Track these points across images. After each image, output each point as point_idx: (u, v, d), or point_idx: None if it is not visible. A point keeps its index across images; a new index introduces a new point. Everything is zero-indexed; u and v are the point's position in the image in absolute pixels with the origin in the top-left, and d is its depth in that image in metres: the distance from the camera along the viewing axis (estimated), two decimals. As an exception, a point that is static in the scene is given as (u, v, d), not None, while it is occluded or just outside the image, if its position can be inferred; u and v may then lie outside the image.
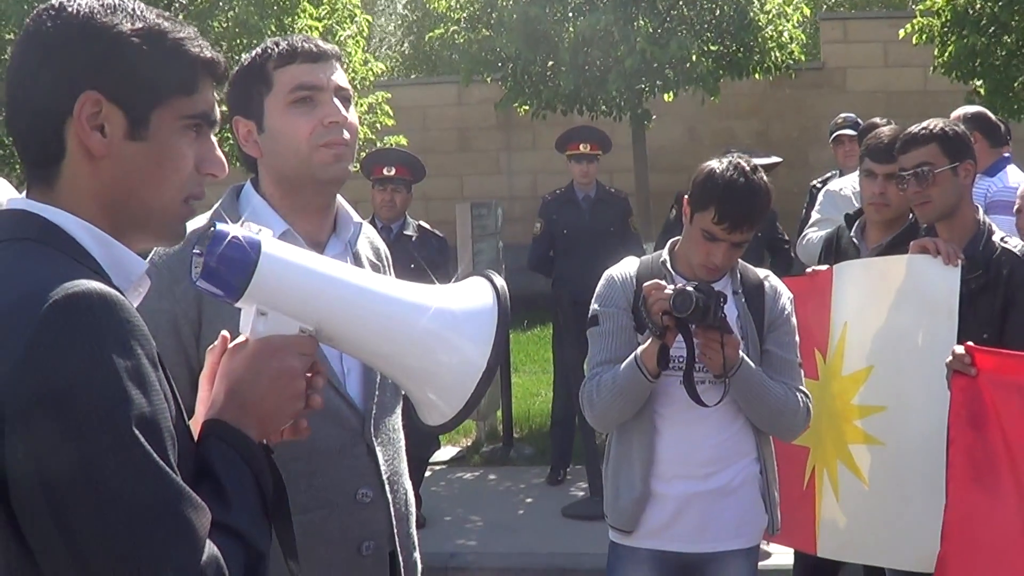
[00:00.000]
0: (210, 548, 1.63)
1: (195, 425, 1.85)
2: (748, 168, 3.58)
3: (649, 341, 3.54)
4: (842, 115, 8.54)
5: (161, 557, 1.58)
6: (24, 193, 1.83)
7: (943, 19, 10.95)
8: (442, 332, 1.94)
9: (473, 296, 2.00)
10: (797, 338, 3.80)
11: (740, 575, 3.83)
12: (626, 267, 3.80)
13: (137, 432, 1.58)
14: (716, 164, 3.60)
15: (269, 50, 2.69)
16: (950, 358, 3.56)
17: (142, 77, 1.77)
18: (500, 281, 2.01)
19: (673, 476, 3.72)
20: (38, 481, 1.55)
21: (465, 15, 12.07)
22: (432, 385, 1.99)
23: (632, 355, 3.58)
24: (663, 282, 3.52)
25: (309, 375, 1.92)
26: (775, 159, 8.56)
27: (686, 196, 3.66)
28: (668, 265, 3.75)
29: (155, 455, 1.59)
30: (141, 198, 1.80)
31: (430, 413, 2.03)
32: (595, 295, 3.79)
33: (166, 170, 1.81)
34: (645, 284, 3.51)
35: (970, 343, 3.58)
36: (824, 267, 4.39)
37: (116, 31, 1.76)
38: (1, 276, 1.67)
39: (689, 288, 3.42)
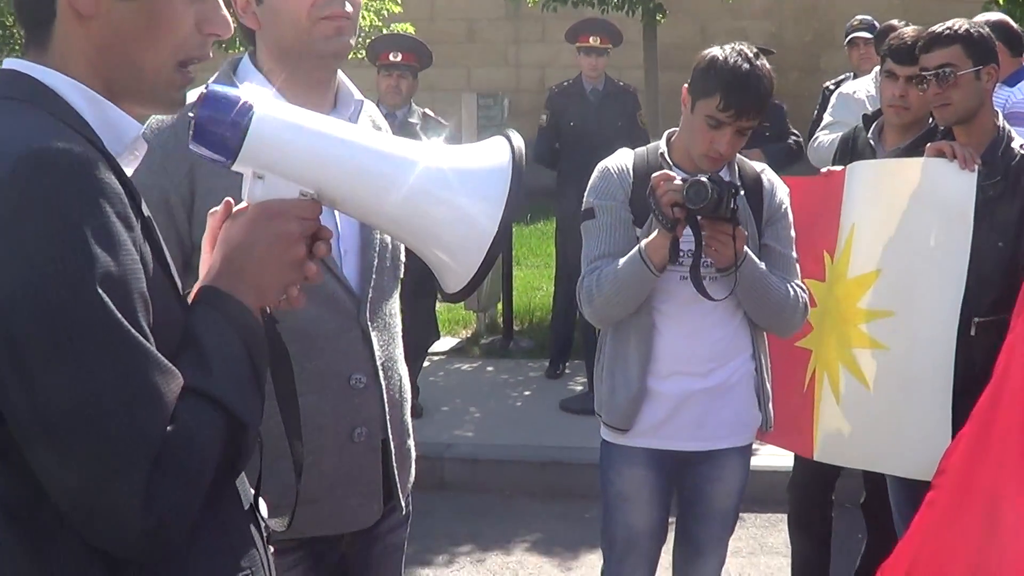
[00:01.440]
0: (181, 414, 1.59)
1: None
2: (751, 54, 3.52)
3: (655, 234, 3.46)
4: (858, 17, 8.38)
5: (123, 418, 1.53)
6: None
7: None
8: (452, 190, 1.83)
9: (486, 154, 1.89)
10: (794, 233, 3.75)
11: (735, 473, 3.83)
12: (622, 159, 3.71)
13: (100, 291, 1.52)
14: (719, 51, 3.53)
15: None
16: None
17: None
18: (518, 139, 1.90)
19: (671, 373, 3.67)
20: (3, 340, 1.51)
21: (478, -100, 11.88)
22: (443, 246, 1.87)
23: (635, 248, 3.50)
24: (672, 172, 3.44)
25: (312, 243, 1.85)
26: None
27: (685, 86, 3.59)
28: (667, 156, 3.67)
29: (119, 315, 1.54)
30: (132, 59, 1.73)
31: (445, 277, 1.91)
32: (590, 188, 3.69)
33: (159, 30, 1.73)
34: (654, 175, 3.41)
35: None
36: (839, 168, 4.29)
37: None
38: None
39: (703, 179, 3.36)
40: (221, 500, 1.73)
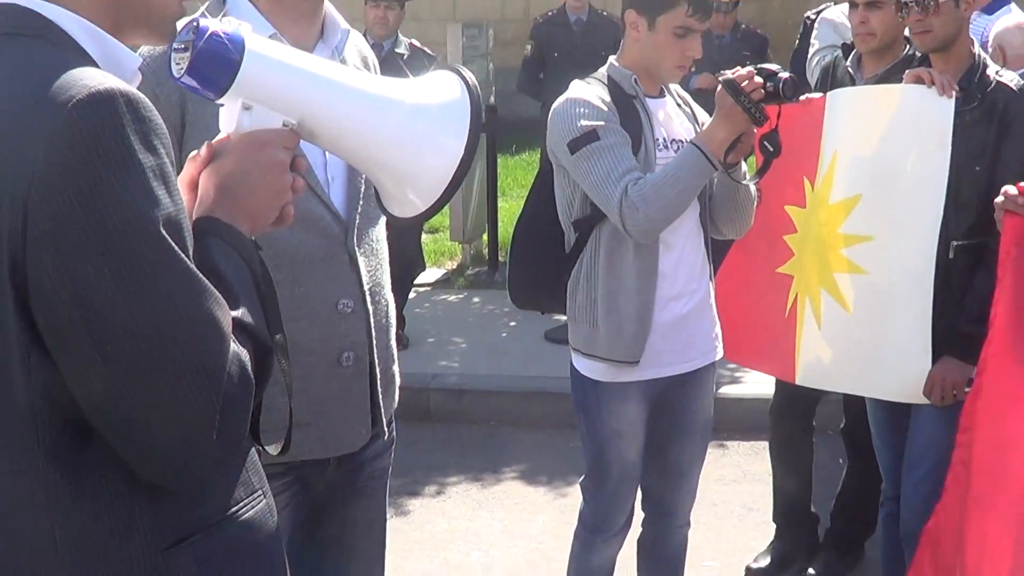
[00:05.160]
0: (234, 343, 1.65)
1: None
2: None
3: (716, 130, 3.47)
4: (843, -58, 8.35)
5: (195, 354, 1.58)
6: None
7: None
8: (419, 127, 1.96)
9: (445, 89, 2.02)
10: None
11: (710, 387, 3.95)
12: (595, 90, 3.69)
13: (164, 233, 1.57)
14: None
15: None
16: (1000, 199, 3.50)
17: None
18: (469, 74, 2.04)
19: (670, 298, 3.71)
20: (69, 289, 1.53)
21: None
22: (409, 181, 2.01)
23: (689, 147, 3.50)
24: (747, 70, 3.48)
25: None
26: None
27: (630, 11, 3.66)
28: (637, 82, 3.69)
29: (182, 254, 1.59)
30: None
31: (401, 207, 2.06)
32: (578, 115, 3.60)
33: None
34: (736, 73, 3.44)
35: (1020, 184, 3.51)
36: (818, 95, 4.33)
37: None
38: (9, 73, 1.63)
39: (784, 73, 3.45)
40: None
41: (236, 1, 2.68)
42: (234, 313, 1.69)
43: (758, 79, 3.42)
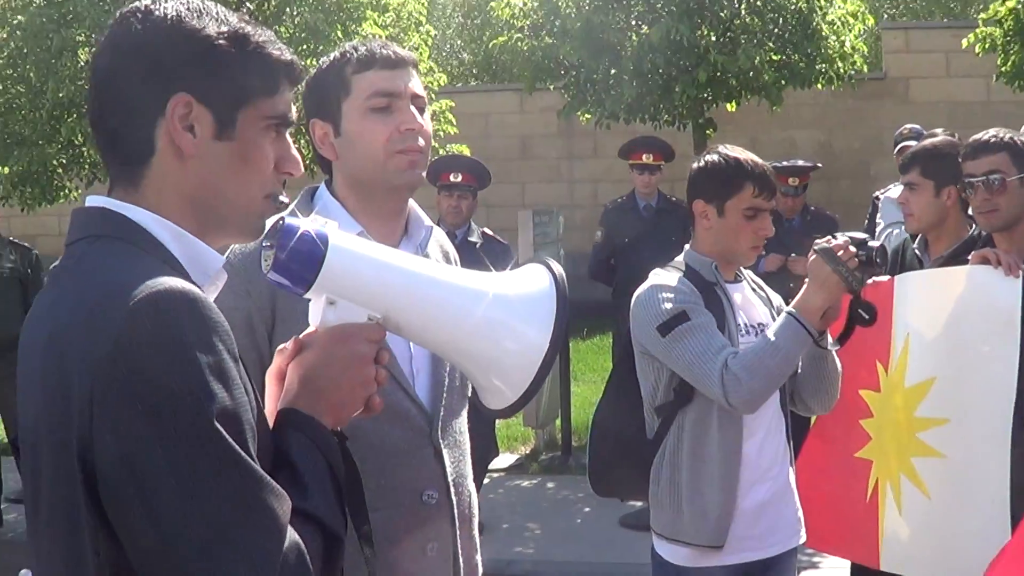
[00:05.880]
0: (291, 534, 1.68)
1: (268, 417, 1.90)
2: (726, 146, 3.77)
3: (807, 296, 3.49)
4: (907, 126, 8.52)
5: (246, 545, 1.62)
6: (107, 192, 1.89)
7: (1006, 28, 10.87)
8: (502, 317, 1.99)
9: (531, 281, 2.05)
10: None
11: (793, 572, 3.90)
12: (675, 277, 3.75)
13: (219, 425, 1.63)
14: (709, 157, 3.76)
15: (348, 55, 2.74)
16: None
17: (229, 79, 1.84)
18: (557, 266, 2.06)
19: (755, 481, 3.71)
20: (128, 472, 1.61)
21: (528, 23, 12.08)
22: (495, 370, 2.03)
23: (783, 318, 3.51)
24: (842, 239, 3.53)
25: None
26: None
27: (700, 200, 3.74)
28: (716, 268, 3.76)
29: (236, 447, 1.64)
30: (226, 196, 1.87)
31: (493, 398, 2.08)
32: (663, 300, 3.65)
33: (251, 169, 1.87)
34: (834, 242, 3.47)
35: None
36: (885, 278, 4.38)
37: (204, 34, 1.82)
38: (87, 271, 1.75)
39: (875, 242, 3.52)
40: None
41: (325, 199, 2.80)
42: (301, 504, 1.73)
43: (851, 247, 3.48)
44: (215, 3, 1.90)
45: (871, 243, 3.50)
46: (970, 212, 4.37)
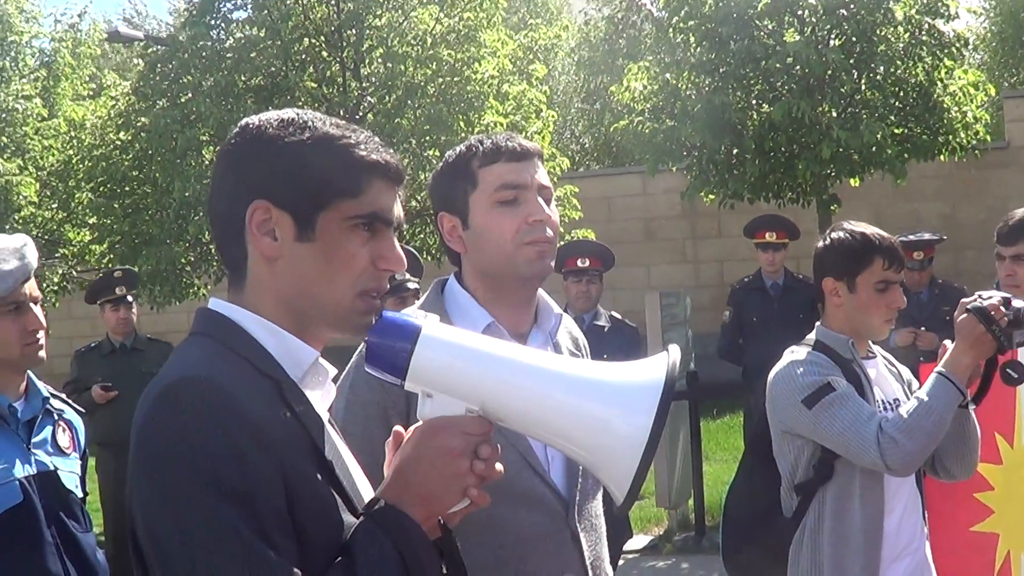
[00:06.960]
0: None
1: None
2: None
3: (957, 356, 3.49)
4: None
5: None
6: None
7: None
8: (596, 408, 1.91)
9: (642, 370, 1.95)
10: None
11: None
12: (812, 353, 3.75)
13: (224, 505, 1.73)
14: (836, 234, 3.77)
15: (474, 148, 2.78)
16: None
17: (306, 184, 1.93)
18: (675, 356, 1.94)
19: (895, 558, 3.67)
20: (148, 535, 1.78)
21: (649, 105, 12.19)
22: (598, 464, 1.96)
23: (938, 377, 3.49)
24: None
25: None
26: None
27: (829, 278, 3.74)
28: (853, 345, 3.75)
29: (243, 527, 1.73)
30: (314, 294, 1.95)
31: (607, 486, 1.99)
32: (804, 374, 3.65)
33: (335, 267, 1.94)
34: (988, 302, 3.49)
35: None
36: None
37: (283, 143, 1.94)
38: (167, 365, 1.92)
39: (1018, 302, 3.50)
40: None
41: (455, 294, 2.85)
42: None
43: (1003, 309, 3.47)
44: (315, 112, 2.00)
45: (1015, 303, 3.49)
46: None
